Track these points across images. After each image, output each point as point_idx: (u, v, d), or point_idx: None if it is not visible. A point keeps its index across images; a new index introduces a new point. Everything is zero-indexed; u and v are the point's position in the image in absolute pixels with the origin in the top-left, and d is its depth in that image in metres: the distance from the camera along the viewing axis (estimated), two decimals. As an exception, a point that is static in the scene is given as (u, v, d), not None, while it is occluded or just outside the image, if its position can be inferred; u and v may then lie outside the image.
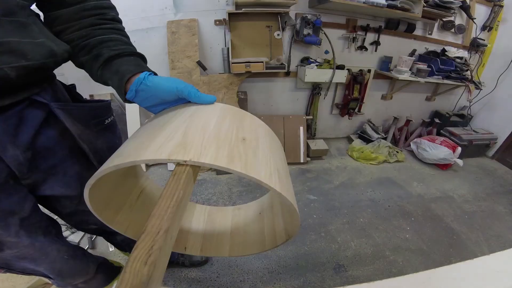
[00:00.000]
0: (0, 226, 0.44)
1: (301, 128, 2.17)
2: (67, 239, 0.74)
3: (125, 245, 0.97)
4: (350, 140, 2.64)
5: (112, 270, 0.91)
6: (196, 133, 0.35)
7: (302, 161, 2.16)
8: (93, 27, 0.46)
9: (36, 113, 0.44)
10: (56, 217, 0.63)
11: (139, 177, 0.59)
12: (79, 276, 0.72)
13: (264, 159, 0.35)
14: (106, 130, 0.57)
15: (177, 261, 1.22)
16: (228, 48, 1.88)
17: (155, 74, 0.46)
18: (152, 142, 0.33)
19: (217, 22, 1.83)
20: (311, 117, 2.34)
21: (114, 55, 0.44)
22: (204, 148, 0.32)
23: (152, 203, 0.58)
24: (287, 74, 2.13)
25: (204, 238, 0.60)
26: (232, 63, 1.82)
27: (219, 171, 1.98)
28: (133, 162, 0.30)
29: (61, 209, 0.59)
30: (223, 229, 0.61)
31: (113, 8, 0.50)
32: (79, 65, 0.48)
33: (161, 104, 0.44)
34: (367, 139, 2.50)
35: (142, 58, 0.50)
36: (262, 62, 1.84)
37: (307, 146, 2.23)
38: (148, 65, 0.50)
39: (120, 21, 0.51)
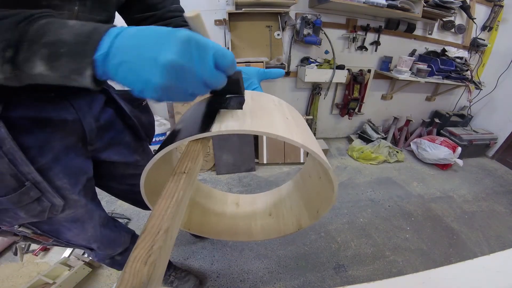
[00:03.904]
0: (71, 183, 0.50)
1: (301, 128, 2.17)
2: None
3: None
4: (350, 140, 2.64)
5: None
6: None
7: (302, 161, 2.16)
8: (182, 27, 0.58)
9: (100, 96, 0.58)
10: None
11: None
12: (116, 244, 0.74)
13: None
14: (145, 109, 0.72)
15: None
16: (228, 48, 1.88)
17: None
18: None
19: (217, 22, 1.83)
20: (311, 117, 2.34)
21: None
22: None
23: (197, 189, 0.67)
24: (287, 74, 2.13)
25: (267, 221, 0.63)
26: (232, 63, 1.82)
27: (218, 171, 1.98)
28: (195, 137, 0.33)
29: (115, 172, 0.70)
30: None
31: (184, 11, 0.62)
32: None
33: None
34: (367, 139, 2.50)
35: None
36: (262, 62, 1.84)
37: (307, 146, 2.23)
38: None
39: None
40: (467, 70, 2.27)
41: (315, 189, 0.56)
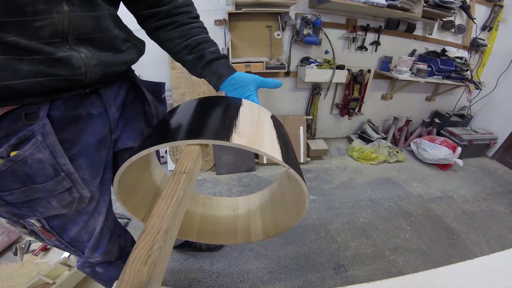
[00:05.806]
0: (93, 175, 0.53)
1: (301, 128, 2.17)
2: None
3: None
4: (350, 140, 2.64)
5: None
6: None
7: (302, 161, 2.16)
8: (188, 25, 0.59)
9: (126, 82, 0.62)
10: None
11: (157, 172, 0.67)
12: (105, 249, 0.74)
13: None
14: (162, 101, 0.76)
15: (194, 245, 1.27)
16: (228, 48, 1.88)
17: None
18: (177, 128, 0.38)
19: (217, 22, 1.84)
20: (311, 117, 2.34)
21: (213, 59, 0.59)
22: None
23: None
24: (287, 74, 2.14)
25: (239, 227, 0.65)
26: (232, 63, 1.82)
27: (218, 171, 1.98)
28: (159, 147, 0.34)
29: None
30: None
31: (193, 4, 0.61)
32: (180, 61, 0.62)
33: (239, 88, 0.58)
34: (367, 139, 2.50)
35: (227, 58, 0.71)
36: (262, 62, 1.84)
37: (307, 146, 2.23)
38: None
39: (199, 17, 0.63)
40: (467, 70, 2.27)
41: (288, 200, 0.57)
